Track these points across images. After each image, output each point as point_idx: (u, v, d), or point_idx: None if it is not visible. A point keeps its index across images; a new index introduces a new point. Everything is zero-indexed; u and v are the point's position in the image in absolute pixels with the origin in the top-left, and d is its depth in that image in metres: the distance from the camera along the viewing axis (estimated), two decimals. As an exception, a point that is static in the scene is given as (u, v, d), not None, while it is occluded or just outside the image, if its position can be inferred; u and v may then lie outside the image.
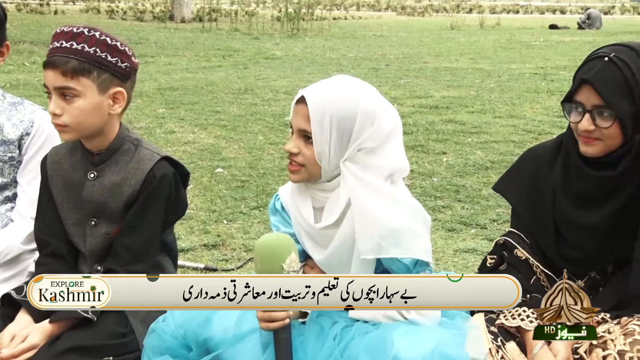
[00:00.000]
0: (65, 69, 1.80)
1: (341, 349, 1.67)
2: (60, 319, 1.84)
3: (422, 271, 1.71)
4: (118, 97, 1.89)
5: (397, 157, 1.75)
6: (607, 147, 1.73)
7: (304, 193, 1.80)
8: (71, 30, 1.83)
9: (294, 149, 1.72)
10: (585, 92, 1.70)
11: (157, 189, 1.94)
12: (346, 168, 1.70)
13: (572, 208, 1.81)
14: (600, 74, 1.67)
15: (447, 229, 3.61)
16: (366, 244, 1.68)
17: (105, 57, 1.83)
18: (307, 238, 1.82)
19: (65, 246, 1.99)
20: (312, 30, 17.70)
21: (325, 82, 1.74)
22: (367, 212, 1.67)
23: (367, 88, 1.74)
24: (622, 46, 1.73)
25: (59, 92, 1.83)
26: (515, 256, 1.88)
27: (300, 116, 1.70)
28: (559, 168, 1.84)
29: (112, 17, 21.63)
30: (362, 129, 1.68)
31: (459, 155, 5.16)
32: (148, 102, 7.08)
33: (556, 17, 27.71)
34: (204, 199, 4.07)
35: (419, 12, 29.99)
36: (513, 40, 16.08)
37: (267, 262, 1.58)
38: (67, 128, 1.87)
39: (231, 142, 5.55)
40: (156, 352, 1.79)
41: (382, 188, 1.70)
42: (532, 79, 9.23)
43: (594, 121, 1.69)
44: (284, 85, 8.46)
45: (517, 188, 1.94)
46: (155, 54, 11.42)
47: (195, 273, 3.01)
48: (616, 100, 1.66)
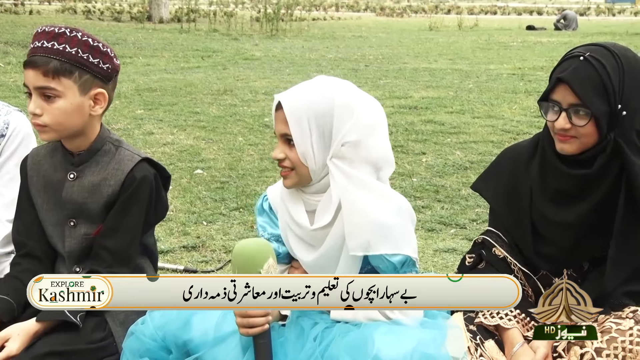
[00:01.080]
0: (47, 69, 1.79)
1: (322, 349, 1.67)
2: (46, 319, 1.82)
3: (409, 271, 1.72)
4: (99, 99, 1.88)
5: (383, 150, 1.75)
6: (582, 145, 1.75)
7: (295, 197, 1.79)
8: (53, 30, 1.81)
9: (280, 154, 1.73)
10: (561, 90, 1.72)
11: (138, 190, 1.93)
12: (333, 165, 1.70)
13: (548, 206, 1.83)
14: (575, 73, 1.70)
15: (427, 229, 3.63)
16: (355, 241, 1.68)
17: (87, 58, 1.82)
18: (297, 240, 1.81)
19: (42, 247, 1.97)
20: (291, 31, 17.69)
21: (301, 84, 1.75)
22: (356, 208, 1.68)
23: (344, 84, 1.75)
24: (597, 46, 1.75)
25: (39, 92, 1.82)
26: (493, 254, 1.90)
27: (279, 121, 1.72)
28: (535, 166, 1.86)
29: (89, 17, 21.42)
30: (341, 122, 1.69)
31: (438, 155, 5.19)
32: (126, 103, 7.02)
33: (533, 18, 28.01)
34: (183, 200, 4.05)
35: (398, 13, 30.12)
36: (491, 41, 16.22)
37: (245, 269, 1.57)
38: (47, 128, 1.85)
39: (210, 143, 5.52)
40: (135, 355, 1.77)
41: (371, 184, 1.71)
42: (510, 80, 9.32)
43: (570, 119, 1.72)
44: (263, 86, 8.44)
45: (495, 187, 1.95)
46: (133, 55, 11.33)
47: (175, 275, 2.99)
48: (591, 99, 1.68)
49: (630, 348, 1.62)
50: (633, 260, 1.77)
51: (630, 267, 1.77)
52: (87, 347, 1.81)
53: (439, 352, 1.62)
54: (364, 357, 1.58)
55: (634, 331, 1.64)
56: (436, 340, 1.64)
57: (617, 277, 1.75)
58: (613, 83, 1.68)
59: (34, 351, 1.77)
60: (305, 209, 1.78)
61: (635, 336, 1.63)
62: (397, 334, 1.64)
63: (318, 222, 1.75)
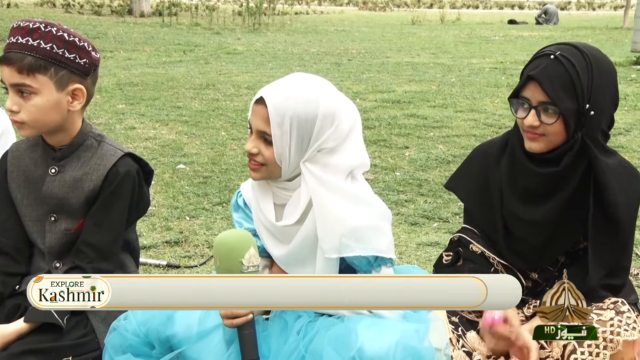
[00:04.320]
0: (21, 66, 1.76)
1: (306, 343, 1.67)
2: (35, 321, 1.80)
3: (383, 264, 1.72)
4: (77, 94, 1.86)
5: (357, 154, 1.75)
6: (550, 143, 1.76)
7: (264, 189, 1.79)
8: (27, 25, 1.78)
9: (254, 149, 1.70)
10: (531, 88, 1.73)
11: (121, 185, 1.91)
12: (306, 168, 1.70)
13: (517, 204, 1.85)
14: (545, 71, 1.71)
15: (410, 222, 3.64)
16: (329, 244, 1.68)
17: (62, 54, 1.79)
18: (268, 234, 1.81)
19: (15, 244, 1.95)
20: (273, 25, 17.64)
21: (284, 82, 1.72)
22: (328, 212, 1.67)
23: (326, 87, 1.73)
24: (568, 45, 1.76)
25: (15, 89, 1.79)
26: (471, 251, 1.91)
27: (259, 117, 1.69)
28: (505, 165, 1.87)
29: (68, 10, 21.19)
30: (322, 130, 1.68)
31: (421, 149, 5.21)
32: (107, 98, 6.96)
33: (515, 13, 28.16)
34: (165, 195, 4.02)
35: (381, 7, 30.15)
36: (473, 35, 16.29)
37: (226, 259, 1.57)
38: (24, 125, 1.83)
39: (193, 137, 5.49)
40: (118, 351, 1.76)
41: (343, 187, 1.70)
42: (492, 74, 9.37)
43: (539, 117, 1.73)
44: (246, 81, 8.41)
45: (467, 185, 1.96)
46: (114, 49, 11.23)
47: (157, 270, 2.98)
48: (560, 97, 1.70)
49: (611, 338, 1.65)
50: (610, 256, 1.79)
51: (608, 263, 1.79)
52: (66, 343, 1.80)
53: (422, 345, 1.62)
54: (347, 350, 1.58)
55: (614, 322, 1.66)
56: (419, 333, 1.65)
57: (598, 275, 1.78)
58: (582, 82, 1.69)
59: (12, 349, 1.76)
60: (274, 202, 1.78)
61: (616, 326, 1.65)
62: (381, 327, 1.64)
63: (285, 219, 1.75)
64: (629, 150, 5.22)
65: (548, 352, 1.73)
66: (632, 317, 1.69)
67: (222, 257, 1.58)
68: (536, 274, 1.90)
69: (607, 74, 1.75)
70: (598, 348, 1.64)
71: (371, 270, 1.71)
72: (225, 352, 1.66)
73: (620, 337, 1.64)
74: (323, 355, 1.61)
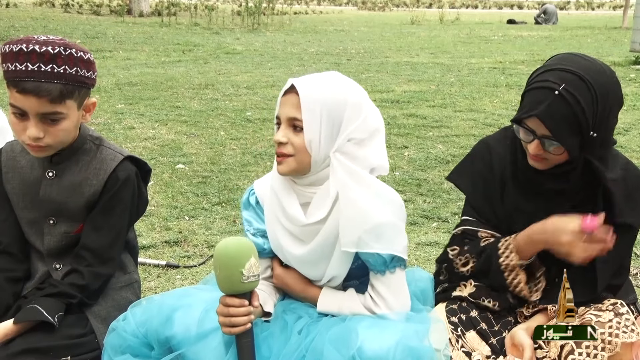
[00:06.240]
0: (53, 96, 1.72)
1: (307, 343, 1.67)
2: (24, 320, 1.80)
3: (397, 266, 1.73)
4: (89, 107, 1.87)
5: (381, 154, 1.77)
6: (553, 163, 1.77)
7: (288, 189, 1.78)
8: (47, 50, 1.71)
9: (283, 138, 1.69)
10: (535, 122, 1.70)
11: (121, 190, 1.91)
12: (336, 159, 1.70)
13: (521, 202, 1.85)
14: (549, 110, 1.67)
15: (409, 222, 3.64)
16: (349, 237, 1.68)
17: (84, 75, 1.77)
18: (286, 235, 1.79)
19: (17, 244, 1.95)
20: (273, 25, 17.64)
21: (313, 75, 1.74)
22: (354, 205, 1.68)
23: (355, 85, 1.76)
24: (571, 74, 1.68)
25: (41, 117, 1.76)
26: (480, 239, 1.90)
27: (289, 105, 1.69)
28: (510, 162, 1.88)
29: (67, 10, 21.18)
30: (351, 118, 1.69)
31: (420, 149, 5.21)
32: (106, 98, 6.96)
33: (514, 12, 28.18)
34: (165, 195, 4.02)
35: (380, 7, 30.16)
36: (472, 35, 16.30)
37: (226, 268, 1.56)
38: (47, 148, 1.82)
39: (192, 137, 5.49)
40: (117, 352, 1.76)
41: (370, 181, 1.71)
42: (491, 73, 9.37)
43: (543, 147, 1.72)
44: (245, 80, 8.41)
45: (470, 178, 1.96)
46: (113, 49, 11.22)
47: (156, 270, 2.98)
48: (564, 135, 1.68)
49: (609, 340, 1.64)
50: (616, 261, 1.81)
51: (614, 267, 1.81)
52: (65, 343, 1.80)
53: (422, 345, 1.63)
54: (348, 350, 1.58)
55: (613, 323, 1.66)
56: (419, 333, 1.65)
57: (605, 282, 1.79)
58: (587, 117, 1.66)
59: (11, 349, 1.75)
60: (299, 202, 1.77)
61: (615, 328, 1.65)
62: (381, 327, 1.64)
63: (312, 216, 1.74)
64: (628, 150, 5.22)
65: (545, 352, 1.72)
66: (631, 319, 1.69)
67: (222, 266, 1.57)
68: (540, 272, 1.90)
69: (613, 94, 1.72)
70: (596, 349, 1.64)
71: (385, 271, 1.72)
72: (225, 355, 1.65)
73: (618, 339, 1.64)
74: (323, 354, 1.61)
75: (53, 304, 1.82)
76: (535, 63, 10.70)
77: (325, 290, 1.81)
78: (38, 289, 1.89)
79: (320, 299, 1.79)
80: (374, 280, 1.75)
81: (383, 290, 1.73)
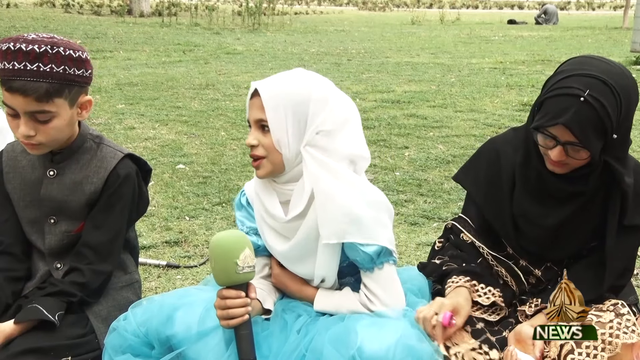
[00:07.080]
0: (39, 95, 1.72)
1: (306, 342, 1.67)
2: (25, 320, 1.80)
3: (385, 262, 1.73)
4: (86, 105, 1.86)
5: (356, 144, 1.76)
6: (573, 167, 1.76)
7: (269, 189, 1.80)
8: (33, 49, 1.71)
9: (253, 141, 1.72)
10: (560, 129, 1.68)
11: (122, 188, 1.91)
12: (307, 153, 1.70)
13: (531, 204, 1.84)
14: (577, 117, 1.65)
15: (410, 222, 3.64)
16: (328, 229, 1.69)
17: (73, 73, 1.77)
18: (270, 231, 1.81)
19: (19, 244, 1.95)
20: (273, 25, 17.64)
21: (278, 74, 1.75)
22: (329, 196, 1.68)
23: (320, 78, 1.76)
24: (595, 79, 1.67)
25: (29, 115, 1.76)
26: (461, 239, 1.95)
27: (255, 108, 1.71)
28: (520, 164, 1.87)
29: (68, 10, 21.19)
30: (317, 111, 1.69)
31: (420, 149, 5.21)
32: (107, 98, 6.96)
33: (514, 12, 28.18)
34: (165, 195, 4.02)
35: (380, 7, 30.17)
36: (473, 35, 16.30)
37: (221, 260, 1.57)
38: (41, 146, 1.82)
39: (193, 137, 5.49)
40: (117, 351, 1.76)
41: (344, 173, 1.71)
42: (491, 74, 9.37)
43: (567, 153, 1.71)
44: (245, 81, 8.41)
45: (476, 178, 1.96)
46: (113, 49, 11.23)
47: (157, 270, 2.98)
48: (590, 140, 1.67)
49: (609, 340, 1.64)
50: (623, 261, 1.81)
51: (621, 268, 1.81)
52: (65, 343, 1.80)
53: (421, 344, 1.63)
54: (347, 349, 1.58)
55: (613, 324, 1.66)
56: (419, 333, 1.66)
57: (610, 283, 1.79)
58: (612, 121, 1.66)
59: (12, 349, 1.75)
60: (279, 200, 1.78)
61: (615, 329, 1.65)
62: (380, 326, 1.65)
63: (292, 211, 1.75)
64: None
65: (546, 352, 1.72)
66: (632, 319, 1.69)
67: (217, 257, 1.58)
68: (540, 271, 1.90)
69: (634, 95, 1.72)
70: (596, 350, 1.64)
71: (374, 268, 1.72)
72: (225, 353, 1.66)
73: (619, 340, 1.64)
74: (323, 353, 1.61)
75: (53, 303, 1.82)
76: (536, 63, 10.71)
77: (322, 290, 1.82)
78: (39, 288, 1.90)
79: (317, 298, 1.80)
80: (364, 279, 1.75)
81: (374, 287, 1.73)
